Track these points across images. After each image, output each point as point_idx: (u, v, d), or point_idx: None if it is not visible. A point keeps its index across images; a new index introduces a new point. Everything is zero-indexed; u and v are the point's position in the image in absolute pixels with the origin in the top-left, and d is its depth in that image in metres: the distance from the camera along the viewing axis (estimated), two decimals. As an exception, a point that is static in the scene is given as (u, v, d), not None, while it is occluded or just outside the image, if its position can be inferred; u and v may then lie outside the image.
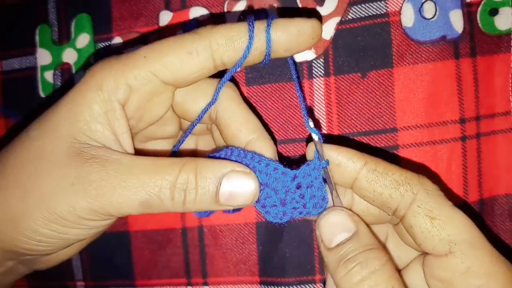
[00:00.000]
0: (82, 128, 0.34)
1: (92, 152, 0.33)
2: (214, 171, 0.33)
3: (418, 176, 0.34)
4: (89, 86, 0.34)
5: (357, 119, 0.44)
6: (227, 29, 0.35)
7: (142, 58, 0.34)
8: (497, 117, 0.43)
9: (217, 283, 0.47)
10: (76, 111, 0.34)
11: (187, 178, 0.33)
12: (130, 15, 0.48)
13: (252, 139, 0.38)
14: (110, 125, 0.34)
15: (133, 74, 0.34)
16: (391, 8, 0.43)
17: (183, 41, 0.34)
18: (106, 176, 0.32)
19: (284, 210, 0.36)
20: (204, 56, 0.34)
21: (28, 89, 0.50)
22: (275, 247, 0.46)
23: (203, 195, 0.33)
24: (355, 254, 0.32)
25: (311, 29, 0.35)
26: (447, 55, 0.42)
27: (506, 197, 0.44)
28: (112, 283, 0.49)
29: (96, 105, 0.34)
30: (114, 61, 0.35)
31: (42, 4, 0.50)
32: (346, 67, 0.44)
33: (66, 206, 0.32)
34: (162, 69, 0.34)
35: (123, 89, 0.34)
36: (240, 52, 0.35)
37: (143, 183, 0.32)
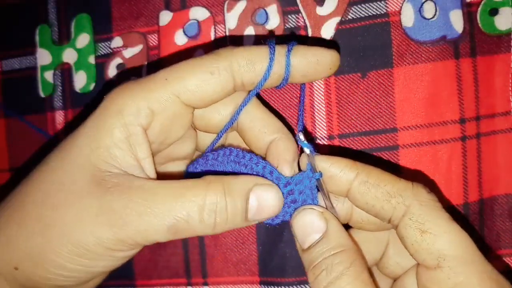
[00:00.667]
0: (103, 155, 0.33)
1: (113, 180, 0.32)
2: (241, 188, 0.33)
3: (412, 186, 0.33)
4: (109, 111, 0.33)
5: (357, 119, 0.44)
6: (248, 51, 0.35)
7: (163, 80, 0.34)
8: (497, 117, 0.43)
9: (217, 283, 0.47)
10: (96, 138, 0.33)
11: (216, 199, 0.32)
12: (130, 15, 0.48)
13: (275, 138, 0.37)
14: (132, 151, 0.33)
15: (155, 96, 0.33)
16: (391, 8, 0.43)
17: (204, 61, 0.34)
18: (131, 204, 0.31)
19: None
20: (225, 77, 0.34)
21: (28, 89, 0.50)
22: (275, 247, 0.46)
23: (234, 214, 0.32)
24: (321, 259, 0.33)
25: (330, 60, 0.35)
26: (447, 55, 0.43)
27: (506, 197, 0.44)
28: (112, 283, 0.49)
29: (117, 130, 0.33)
30: (133, 84, 0.34)
31: (42, 4, 0.50)
32: (346, 67, 0.44)
33: (92, 238, 0.31)
34: (184, 91, 0.34)
35: (145, 113, 0.33)
36: (260, 74, 0.35)
37: (170, 208, 0.31)
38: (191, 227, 0.32)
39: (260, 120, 0.37)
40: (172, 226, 0.31)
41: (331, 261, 0.32)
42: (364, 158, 0.44)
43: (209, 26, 0.46)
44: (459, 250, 0.31)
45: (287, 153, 0.37)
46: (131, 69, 0.48)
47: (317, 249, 0.33)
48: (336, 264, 0.32)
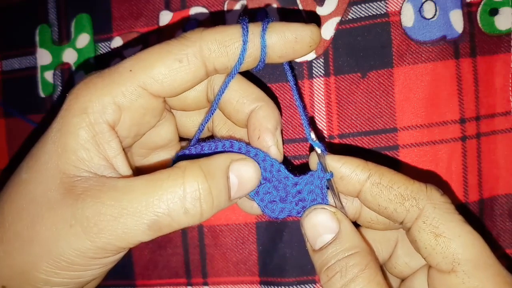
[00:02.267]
0: (70, 158, 0.30)
1: (83, 185, 0.30)
2: (219, 167, 0.31)
3: (426, 188, 0.32)
4: (73, 110, 0.31)
5: (357, 119, 0.44)
6: (219, 33, 0.32)
7: (127, 72, 0.31)
8: (497, 117, 0.43)
9: (217, 283, 0.47)
10: (62, 142, 0.31)
11: (197, 184, 0.30)
12: (130, 15, 0.48)
13: (255, 107, 0.35)
14: (100, 150, 0.31)
15: (120, 90, 0.31)
16: (391, 8, 0.43)
17: (171, 48, 0.32)
18: (103, 208, 0.29)
19: (283, 207, 0.36)
20: (195, 64, 0.32)
21: (28, 89, 0.50)
22: (275, 247, 0.46)
23: (219, 196, 0.31)
24: (335, 260, 0.32)
25: (310, 36, 0.33)
26: (447, 55, 0.42)
27: (506, 197, 0.44)
28: (112, 283, 0.49)
29: (82, 131, 0.31)
30: (96, 78, 0.32)
31: (42, 4, 0.50)
32: (346, 67, 0.44)
33: (71, 250, 0.29)
34: (151, 82, 0.31)
35: (111, 109, 0.31)
36: (233, 58, 0.33)
37: (146, 204, 0.29)
38: (176, 220, 0.30)
39: (238, 90, 0.35)
40: (154, 224, 0.29)
41: (346, 263, 0.31)
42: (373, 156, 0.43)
43: (209, 26, 0.46)
44: (473, 254, 0.30)
45: (268, 121, 0.34)
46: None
47: (330, 250, 0.32)
48: (351, 266, 0.31)
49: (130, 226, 0.29)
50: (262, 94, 0.36)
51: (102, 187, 0.30)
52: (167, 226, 0.30)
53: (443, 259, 0.31)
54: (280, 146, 0.35)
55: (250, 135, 0.35)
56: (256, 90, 0.36)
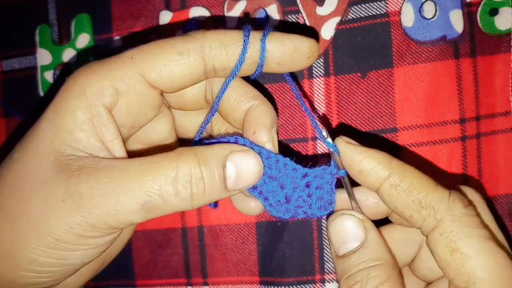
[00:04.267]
0: (66, 138, 0.31)
1: (78, 163, 0.30)
2: (216, 155, 0.31)
3: (448, 197, 0.30)
4: (71, 92, 0.31)
5: (357, 119, 0.44)
6: (221, 34, 0.33)
7: (128, 59, 0.32)
8: (497, 117, 0.43)
9: (217, 283, 0.47)
10: (58, 122, 0.31)
11: (189, 169, 0.30)
12: (130, 15, 0.48)
13: (252, 105, 0.35)
14: (96, 132, 0.31)
15: (119, 75, 0.32)
16: (391, 8, 0.43)
17: (174, 42, 0.32)
18: (98, 185, 0.29)
19: (288, 207, 0.35)
20: (195, 58, 0.32)
21: (28, 89, 0.50)
22: (275, 247, 0.46)
23: (212, 183, 0.31)
24: (357, 270, 0.31)
25: (308, 47, 0.33)
26: (447, 55, 0.42)
27: (506, 197, 0.44)
28: (112, 283, 0.49)
29: (79, 112, 0.31)
30: (97, 64, 0.32)
31: (42, 4, 0.50)
32: (346, 67, 0.44)
33: (60, 226, 0.29)
34: (150, 70, 0.32)
35: (109, 92, 0.31)
36: (233, 58, 0.33)
37: (140, 184, 0.29)
38: (167, 202, 0.30)
39: (235, 89, 0.35)
40: (146, 203, 0.29)
41: (367, 273, 0.31)
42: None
43: (209, 26, 0.46)
44: (493, 274, 0.29)
45: (264, 118, 0.34)
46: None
47: (353, 258, 0.32)
48: (372, 278, 0.30)
49: (123, 203, 0.29)
50: (259, 94, 0.36)
51: (97, 165, 0.30)
52: (159, 207, 0.30)
53: (458, 276, 0.29)
54: (275, 143, 0.35)
55: (246, 131, 0.35)
56: (253, 90, 0.36)
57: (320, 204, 0.35)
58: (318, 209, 0.35)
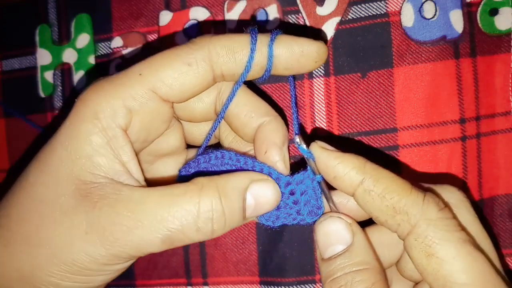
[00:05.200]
0: (85, 165, 0.30)
1: (100, 193, 0.30)
2: (236, 188, 0.31)
3: (423, 201, 0.30)
4: (83, 116, 0.31)
5: (357, 119, 0.44)
6: (228, 40, 0.32)
7: (137, 75, 0.31)
8: (497, 117, 0.43)
9: (217, 283, 0.47)
10: (74, 148, 0.31)
11: (211, 205, 0.30)
12: (130, 15, 0.48)
13: (263, 122, 0.35)
14: (115, 155, 0.31)
15: (130, 94, 0.31)
16: (391, 8, 0.43)
17: (180, 52, 0.32)
18: (119, 219, 0.29)
19: (278, 214, 0.35)
20: (204, 68, 0.32)
21: (28, 89, 0.50)
22: (275, 247, 0.46)
23: (232, 217, 0.31)
24: (341, 274, 0.31)
25: (316, 52, 0.33)
26: (447, 55, 0.42)
27: (506, 197, 0.44)
28: (112, 283, 0.49)
29: (96, 137, 0.31)
30: (105, 83, 0.32)
31: (42, 4, 0.50)
32: (346, 67, 0.44)
33: (85, 256, 0.30)
34: (160, 85, 0.32)
35: (122, 113, 0.31)
36: (240, 64, 0.33)
37: (161, 219, 0.29)
38: (188, 236, 0.30)
39: (246, 104, 0.35)
40: (167, 238, 0.30)
41: (352, 278, 0.30)
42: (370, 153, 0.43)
43: (209, 26, 0.46)
44: (470, 278, 0.28)
45: (276, 136, 0.34)
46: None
47: (338, 261, 0.31)
48: (357, 283, 0.30)
49: (145, 238, 0.30)
50: (270, 109, 0.36)
51: (118, 195, 0.30)
52: (179, 241, 0.30)
53: (435, 281, 0.29)
54: (286, 162, 0.35)
55: (257, 149, 0.35)
56: (264, 105, 0.36)
57: (309, 209, 0.35)
58: (308, 214, 0.35)
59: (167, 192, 0.30)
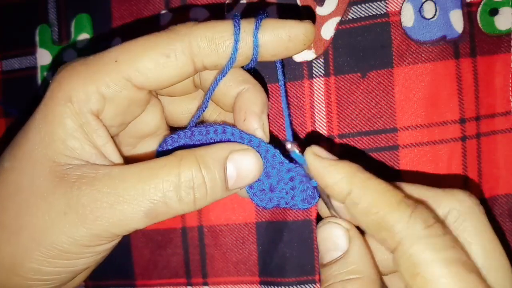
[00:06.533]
0: (59, 148, 0.30)
1: (77, 173, 0.30)
2: (216, 157, 0.31)
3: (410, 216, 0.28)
4: (57, 99, 0.30)
5: (357, 119, 0.44)
6: (209, 29, 0.31)
7: (113, 62, 0.31)
8: (497, 117, 0.43)
9: (217, 283, 0.47)
10: (48, 131, 0.30)
11: (191, 174, 0.30)
12: (130, 15, 0.48)
13: (242, 90, 0.34)
14: (89, 139, 0.31)
15: (104, 81, 0.30)
16: (391, 8, 0.43)
17: (159, 41, 0.31)
18: (100, 195, 0.29)
19: (271, 196, 0.35)
20: (183, 60, 0.31)
21: (28, 89, 0.50)
22: (275, 247, 0.46)
23: (213, 186, 0.31)
24: (334, 281, 0.30)
25: (304, 34, 0.32)
26: (447, 55, 0.42)
27: (506, 197, 0.44)
28: (112, 283, 0.49)
29: (69, 120, 0.30)
30: (80, 66, 0.31)
31: (42, 4, 0.50)
32: (346, 67, 0.44)
33: (65, 238, 0.29)
34: (136, 75, 0.31)
35: (95, 98, 0.31)
36: (223, 56, 0.32)
37: (143, 192, 0.29)
38: (171, 208, 0.30)
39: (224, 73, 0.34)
40: (150, 211, 0.29)
41: (342, 286, 0.29)
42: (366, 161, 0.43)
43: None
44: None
45: (254, 105, 0.33)
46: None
47: (333, 268, 0.30)
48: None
49: (127, 213, 0.29)
50: (249, 77, 0.35)
51: (96, 174, 0.30)
52: (163, 213, 0.30)
53: None
54: (266, 129, 0.34)
55: (236, 118, 0.34)
56: (243, 73, 0.35)
57: (303, 196, 0.35)
58: (301, 201, 0.35)
59: (147, 166, 0.30)
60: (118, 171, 0.30)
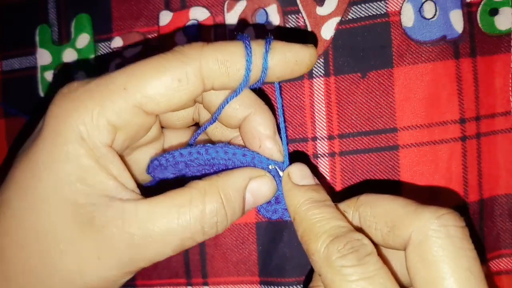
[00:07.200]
0: (78, 188, 0.29)
1: (103, 217, 0.29)
2: (236, 188, 0.32)
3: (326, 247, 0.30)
4: (66, 136, 0.29)
5: (357, 119, 0.44)
6: (220, 52, 0.31)
7: (121, 89, 0.29)
8: (497, 117, 0.43)
9: (217, 283, 0.47)
10: (63, 171, 0.29)
11: (216, 210, 0.31)
12: (130, 15, 0.48)
13: (249, 114, 0.34)
14: (107, 172, 0.30)
15: (114, 111, 0.29)
16: (391, 8, 0.43)
17: (170, 64, 0.30)
18: (132, 239, 0.29)
19: (276, 208, 0.36)
20: (195, 84, 0.30)
21: (28, 89, 0.50)
22: (275, 247, 0.46)
23: (233, 215, 0.32)
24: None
25: (309, 59, 0.33)
26: (447, 55, 0.43)
27: (506, 197, 0.44)
28: (112, 283, 0.49)
29: (84, 158, 0.29)
30: (84, 94, 0.30)
31: (42, 4, 0.50)
32: (346, 67, 0.44)
33: (98, 279, 0.30)
34: (147, 101, 0.30)
35: (107, 131, 0.30)
36: (234, 78, 0.31)
37: (174, 233, 0.30)
38: (196, 240, 0.31)
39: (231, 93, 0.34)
40: (179, 246, 0.31)
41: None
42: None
43: (209, 26, 0.46)
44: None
45: (266, 127, 0.34)
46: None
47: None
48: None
49: (158, 252, 0.30)
50: (255, 98, 0.35)
51: (123, 215, 0.29)
52: (188, 246, 0.31)
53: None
54: (281, 149, 0.36)
55: (250, 144, 0.35)
56: (249, 95, 0.35)
57: None
58: None
59: (172, 203, 0.30)
60: (144, 210, 0.30)
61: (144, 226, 0.29)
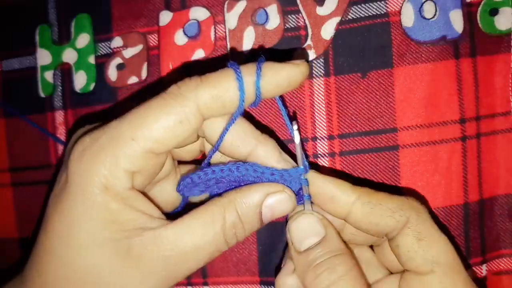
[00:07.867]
0: (114, 228, 0.33)
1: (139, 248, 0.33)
2: (254, 205, 0.34)
3: (407, 199, 0.35)
4: (91, 190, 0.32)
5: (357, 119, 0.44)
6: (214, 88, 0.33)
7: (130, 140, 0.32)
8: (497, 117, 0.43)
9: (217, 283, 0.47)
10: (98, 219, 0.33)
11: (234, 225, 0.34)
12: (130, 15, 0.48)
13: (252, 149, 0.36)
14: (134, 209, 0.33)
15: (127, 160, 0.32)
16: (391, 8, 0.43)
17: (169, 110, 0.32)
18: (166, 260, 0.33)
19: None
20: (195, 122, 0.33)
21: (28, 89, 0.50)
22: (275, 247, 0.46)
23: (252, 228, 0.35)
24: (323, 259, 0.34)
25: (301, 78, 0.34)
26: (447, 55, 0.43)
27: (506, 197, 0.44)
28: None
29: (112, 203, 0.33)
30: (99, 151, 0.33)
31: (42, 4, 0.50)
32: (346, 67, 0.44)
33: None
34: (155, 145, 0.33)
35: (126, 178, 0.33)
36: (230, 107, 0.34)
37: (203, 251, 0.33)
38: (222, 251, 0.34)
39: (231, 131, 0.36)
40: (208, 258, 0.34)
41: (333, 261, 0.34)
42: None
43: (209, 26, 0.46)
44: (450, 258, 0.33)
45: (271, 157, 0.36)
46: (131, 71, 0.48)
47: (316, 250, 0.34)
48: (339, 265, 0.33)
49: (192, 268, 0.34)
50: (252, 131, 0.36)
51: (155, 240, 0.33)
52: (217, 255, 0.35)
53: (424, 260, 0.33)
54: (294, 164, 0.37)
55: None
56: (249, 127, 0.36)
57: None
58: None
59: (197, 222, 0.33)
60: (175, 235, 0.33)
61: (176, 247, 0.33)
